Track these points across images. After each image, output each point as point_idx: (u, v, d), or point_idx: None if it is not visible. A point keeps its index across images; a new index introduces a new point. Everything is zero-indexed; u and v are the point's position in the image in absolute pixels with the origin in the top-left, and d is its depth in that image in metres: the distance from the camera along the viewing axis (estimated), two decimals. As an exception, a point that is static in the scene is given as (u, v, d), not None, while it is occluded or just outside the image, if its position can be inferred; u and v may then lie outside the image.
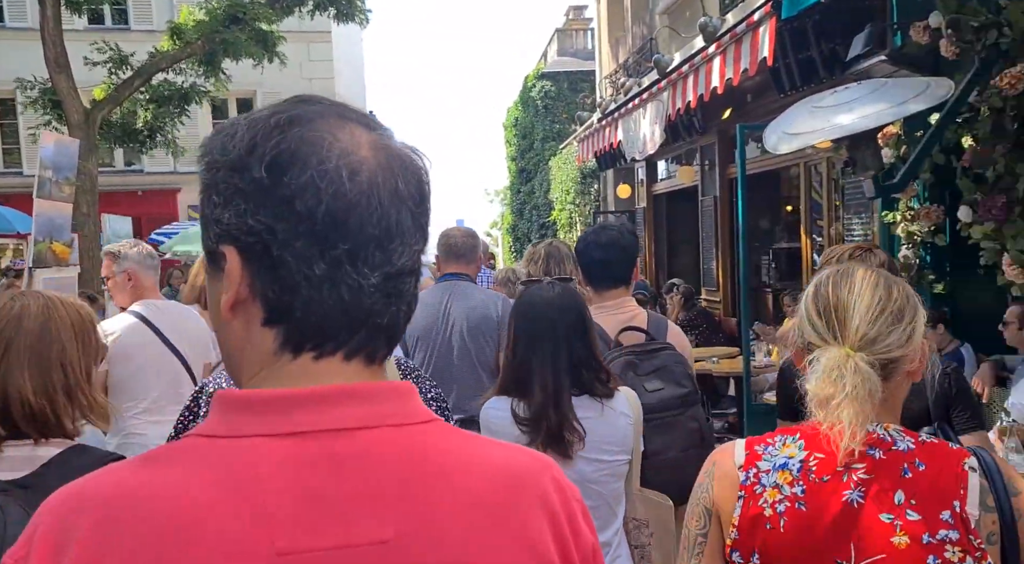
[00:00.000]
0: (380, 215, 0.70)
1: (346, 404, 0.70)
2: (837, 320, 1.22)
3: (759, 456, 1.25)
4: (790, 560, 1.18)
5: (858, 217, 6.01)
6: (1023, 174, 4.09)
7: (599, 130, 10.54)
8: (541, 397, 1.94)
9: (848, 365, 1.17)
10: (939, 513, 1.14)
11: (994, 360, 4.39)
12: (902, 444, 1.19)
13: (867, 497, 1.17)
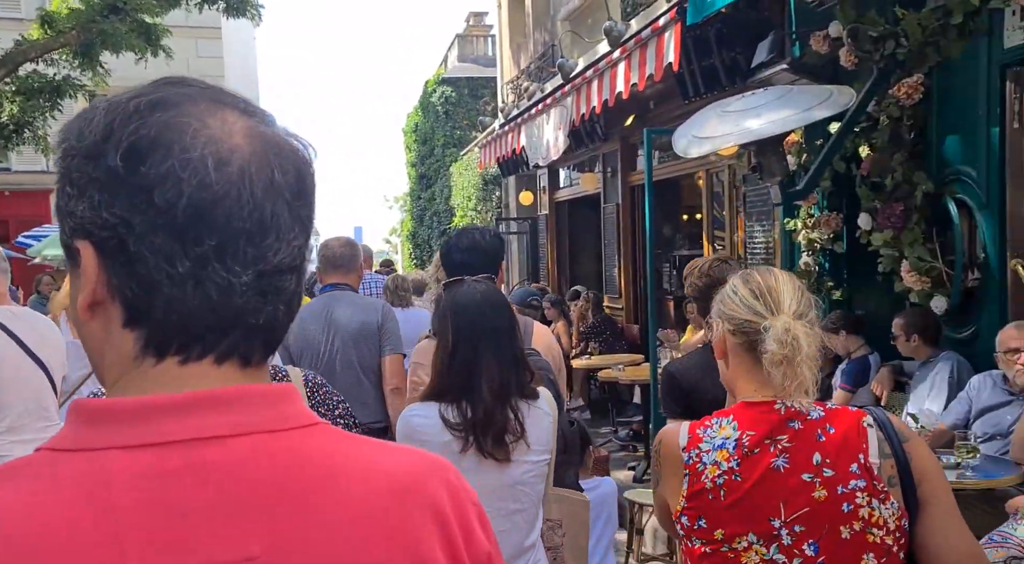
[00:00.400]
0: (252, 208, 0.65)
1: (214, 411, 0.66)
2: (773, 300, 1.43)
3: (700, 438, 1.44)
4: (729, 522, 1.37)
5: (760, 225, 6.08)
6: (920, 183, 4.18)
7: (501, 136, 10.42)
8: (490, 397, 1.88)
9: (798, 328, 1.38)
10: (848, 466, 1.35)
11: (892, 365, 4.47)
12: (815, 414, 1.41)
13: (790, 462, 1.37)
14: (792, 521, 1.36)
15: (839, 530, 1.35)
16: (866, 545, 1.34)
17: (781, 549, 1.36)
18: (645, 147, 5.46)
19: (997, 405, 3.44)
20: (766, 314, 1.42)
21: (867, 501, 1.34)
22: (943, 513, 1.37)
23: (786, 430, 1.39)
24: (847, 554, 1.34)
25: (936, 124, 4.24)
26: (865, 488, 1.34)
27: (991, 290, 3.95)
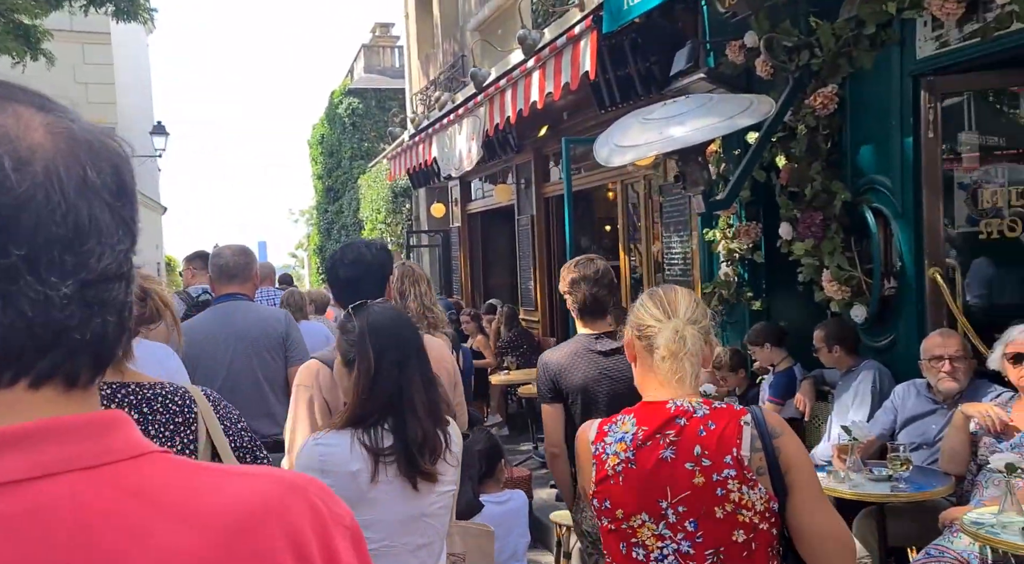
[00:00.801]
0: (65, 211, 0.60)
1: (15, 449, 0.59)
2: (671, 308, 1.69)
3: (605, 433, 1.68)
4: (627, 503, 1.62)
5: (677, 235, 6.06)
6: (838, 192, 4.19)
7: (412, 147, 10.17)
8: (426, 419, 1.84)
9: (686, 329, 1.65)
10: (723, 458, 1.57)
11: (814, 376, 4.46)
12: (700, 411, 1.62)
13: (676, 453, 1.59)
14: (676, 502, 1.60)
15: (714, 510, 1.58)
16: (736, 523, 1.57)
17: (668, 526, 1.61)
18: (563, 156, 5.35)
19: (922, 414, 3.44)
20: (662, 318, 1.70)
21: (737, 487, 1.57)
22: (808, 497, 1.59)
23: (674, 426, 1.62)
24: (721, 530, 1.58)
25: (850, 134, 4.27)
26: (736, 476, 1.57)
27: (908, 298, 3.98)
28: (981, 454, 3.07)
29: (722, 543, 1.57)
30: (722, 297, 5.39)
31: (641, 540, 1.61)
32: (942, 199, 3.72)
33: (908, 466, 3.00)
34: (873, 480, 3.08)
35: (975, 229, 3.90)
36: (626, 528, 1.63)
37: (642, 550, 1.62)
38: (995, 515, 2.52)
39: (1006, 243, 3.77)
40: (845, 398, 3.99)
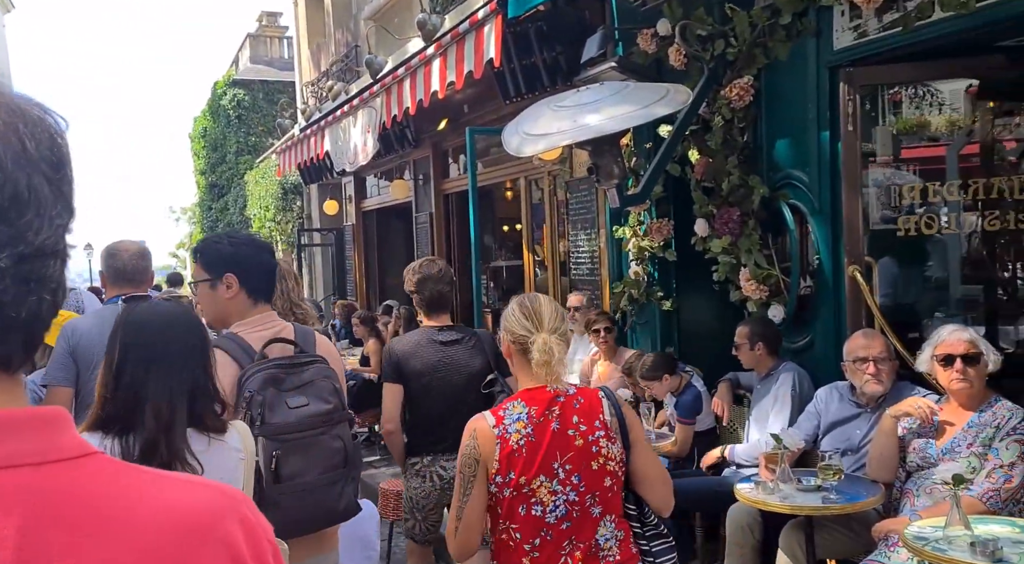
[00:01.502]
0: (3, 181, 0.59)
1: None
2: (537, 319, 2.05)
3: (503, 418, 2.00)
4: (529, 469, 1.96)
5: (584, 233, 5.84)
6: (756, 187, 4.04)
7: (303, 140, 9.58)
8: (153, 428, 1.70)
9: (552, 340, 2.01)
10: (594, 423, 2.01)
11: (729, 379, 4.29)
12: (571, 391, 2.05)
13: (560, 424, 1.99)
14: (564, 462, 1.98)
15: (591, 464, 1.99)
16: (606, 472, 2.01)
17: (559, 482, 1.98)
18: (468, 148, 5.02)
19: (846, 419, 3.30)
20: (533, 330, 2.04)
21: (605, 445, 2.01)
22: (642, 450, 2.10)
23: (556, 404, 2.01)
24: (596, 479, 2.00)
25: (766, 127, 4.14)
26: (604, 436, 2.01)
27: (825, 298, 3.87)
28: (910, 460, 2.94)
29: (597, 489, 2.01)
30: (632, 297, 5.19)
31: (539, 498, 1.98)
32: (861, 195, 3.60)
33: (840, 475, 2.83)
34: (803, 490, 2.90)
35: (890, 226, 3.82)
36: (527, 491, 1.98)
37: (540, 507, 1.98)
38: (938, 528, 2.36)
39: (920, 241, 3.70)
40: (764, 403, 3.84)
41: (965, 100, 9.15)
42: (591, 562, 1.98)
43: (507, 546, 2.01)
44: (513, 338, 2.06)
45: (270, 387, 2.11)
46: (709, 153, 4.27)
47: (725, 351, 4.98)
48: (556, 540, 1.98)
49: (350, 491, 2.18)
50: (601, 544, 2.00)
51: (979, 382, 2.83)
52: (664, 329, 5.09)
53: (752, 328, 3.89)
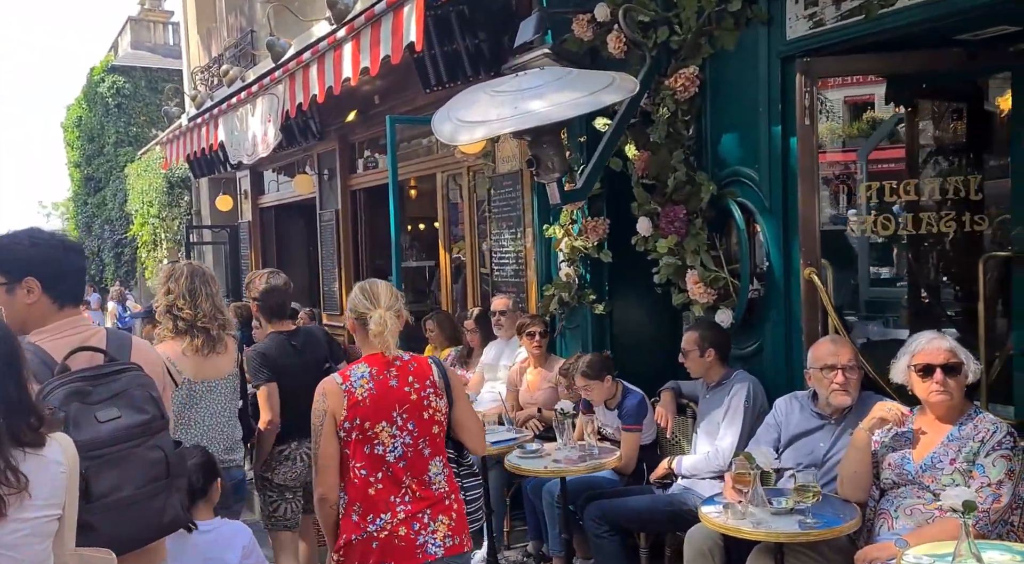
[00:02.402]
0: None
1: None
2: (375, 298, 2.50)
3: (349, 376, 2.45)
4: (372, 417, 2.42)
5: (509, 233, 5.50)
6: (704, 183, 3.81)
7: (193, 129, 8.82)
8: None
9: (388, 316, 2.46)
10: (425, 382, 2.51)
11: (671, 388, 4.04)
12: (406, 356, 2.54)
13: (398, 382, 2.47)
14: (402, 411, 2.45)
15: (423, 415, 2.47)
16: (433, 422, 2.49)
17: (397, 427, 2.44)
18: (388, 137, 4.60)
19: (808, 431, 3.09)
20: (371, 307, 2.47)
21: (434, 400, 2.50)
22: (463, 404, 2.62)
23: (393, 366, 2.48)
24: (426, 426, 2.47)
25: (712, 121, 3.91)
26: (433, 393, 2.50)
27: (775, 301, 3.67)
28: (885, 477, 2.74)
29: (427, 434, 2.47)
30: (562, 300, 4.90)
31: (381, 440, 2.41)
32: (818, 193, 3.42)
33: (818, 497, 2.60)
34: (776, 514, 2.66)
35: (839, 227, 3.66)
36: (371, 434, 2.40)
37: (381, 447, 2.41)
38: (938, 559, 2.14)
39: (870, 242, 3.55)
40: (715, 414, 3.60)
41: (844, 109, 9.32)
42: (424, 492, 2.46)
43: (354, 482, 2.44)
44: (356, 315, 2.50)
45: (74, 401, 1.97)
46: (652, 148, 4.01)
47: (661, 358, 4.75)
48: (395, 475, 2.44)
49: (175, 502, 2.09)
50: (432, 478, 2.49)
51: (959, 393, 2.66)
52: (596, 334, 4.82)
53: (702, 333, 3.65)
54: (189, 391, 3.07)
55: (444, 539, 2.43)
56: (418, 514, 2.41)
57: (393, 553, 2.37)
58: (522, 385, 4.81)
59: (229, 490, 3.04)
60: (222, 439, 3.17)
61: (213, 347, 3.12)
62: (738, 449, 3.47)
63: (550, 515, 3.94)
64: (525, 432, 4.27)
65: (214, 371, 3.15)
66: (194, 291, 3.11)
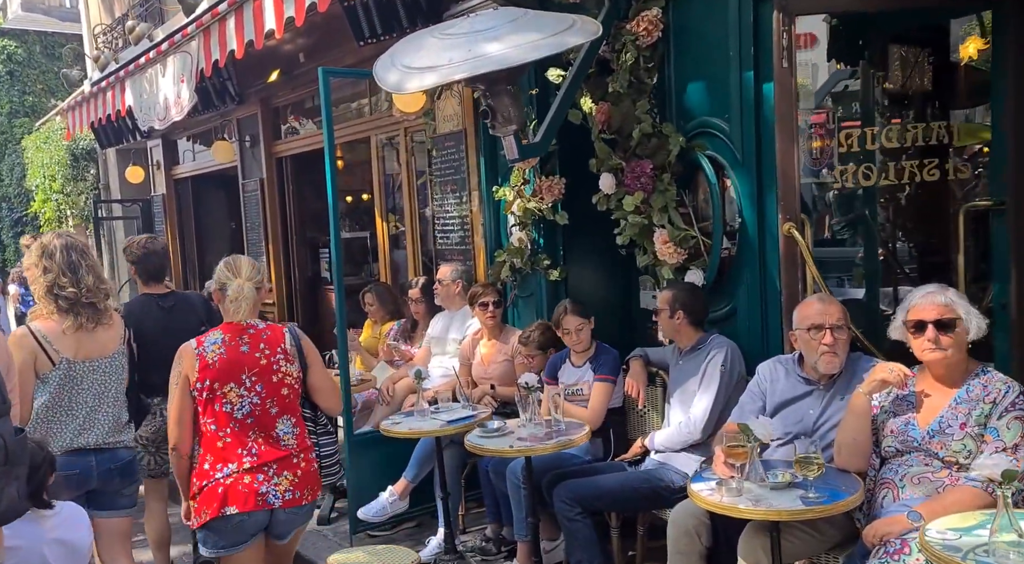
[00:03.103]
0: None
1: None
2: (236, 270, 2.83)
3: (203, 342, 2.78)
4: (222, 378, 2.72)
5: (453, 197, 5.14)
6: (671, 135, 3.54)
7: (97, 94, 8.09)
8: None
9: (246, 285, 2.79)
10: (276, 349, 2.81)
11: (640, 355, 3.79)
12: (261, 325, 2.85)
13: (249, 348, 2.77)
14: (251, 374, 2.75)
15: (272, 378, 2.78)
16: (283, 384, 2.81)
17: (246, 389, 2.75)
18: (322, 93, 4.16)
19: (796, 397, 2.88)
20: (232, 277, 2.81)
21: (284, 365, 2.81)
22: (318, 369, 2.94)
23: (246, 333, 2.79)
24: (275, 389, 2.79)
25: (675, 68, 3.64)
26: (283, 359, 2.81)
27: (749, 260, 3.45)
28: (887, 445, 2.55)
29: (275, 396, 2.79)
30: (513, 267, 4.59)
31: (229, 399, 2.73)
32: (797, 143, 3.18)
33: (822, 469, 2.39)
34: (775, 489, 2.44)
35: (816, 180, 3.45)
36: (219, 394, 2.72)
37: (229, 405, 2.73)
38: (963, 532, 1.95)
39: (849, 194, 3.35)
40: (690, 382, 3.37)
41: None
42: (271, 447, 2.75)
43: (206, 436, 2.75)
44: (219, 285, 2.82)
45: None
46: (612, 98, 3.72)
47: (617, 325, 4.53)
48: (242, 430, 2.73)
49: (12, 491, 1.98)
50: (280, 435, 2.78)
51: (957, 351, 2.48)
52: (551, 302, 4.52)
53: (674, 294, 3.41)
54: (68, 371, 2.94)
55: (284, 493, 2.72)
56: (263, 466, 2.71)
57: (235, 497, 2.66)
58: (475, 359, 4.50)
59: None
60: (107, 421, 3.05)
61: (99, 320, 3.00)
62: (710, 417, 3.26)
63: (515, 497, 3.66)
64: (482, 409, 3.97)
65: (98, 349, 3.02)
66: (73, 265, 2.95)
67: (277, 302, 7.63)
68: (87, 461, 2.97)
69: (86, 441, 2.97)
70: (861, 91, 4.34)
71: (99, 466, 2.99)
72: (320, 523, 4.77)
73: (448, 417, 3.80)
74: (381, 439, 4.43)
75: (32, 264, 3.00)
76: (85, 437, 2.97)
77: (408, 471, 4.23)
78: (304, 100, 7.22)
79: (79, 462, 2.95)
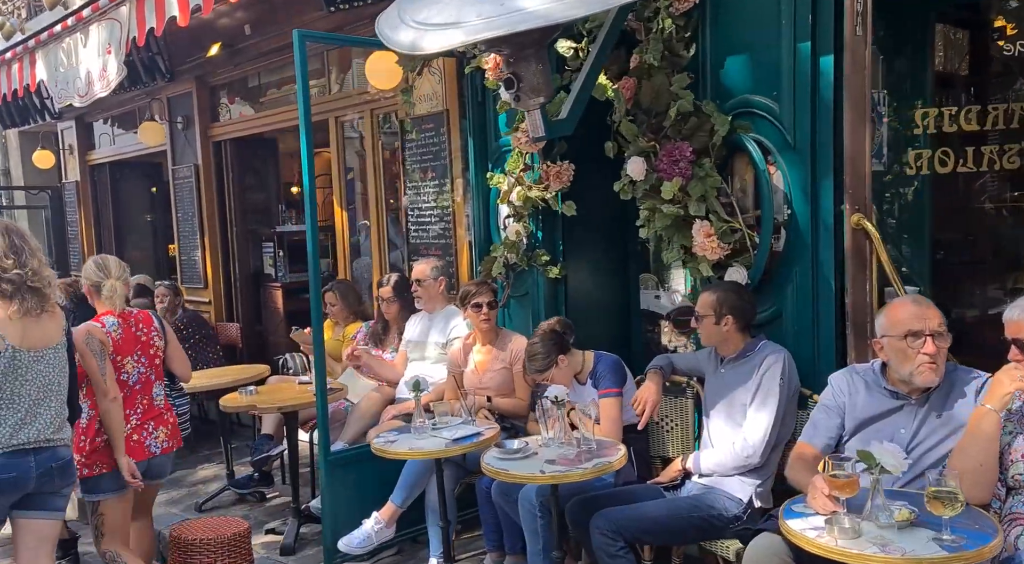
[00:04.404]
0: None
1: None
2: (107, 270, 3.37)
3: (105, 324, 3.28)
4: (122, 352, 3.32)
5: (432, 185, 4.61)
6: (712, 114, 3.12)
7: (1, 67, 7.18)
8: None
9: (117, 284, 3.35)
10: (150, 329, 3.46)
11: (660, 366, 3.34)
12: (135, 311, 3.50)
13: (135, 328, 3.40)
14: (137, 349, 3.37)
15: (149, 351, 3.42)
16: (157, 356, 3.46)
17: (135, 361, 3.36)
18: (297, 59, 3.56)
19: (883, 414, 2.50)
20: (104, 277, 3.36)
21: (156, 341, 3.45)
22: (172, 344, 3.58)
23: (131, 317, 3.40)
24: (151, 360, 3.43)
25: (712, 40, 3.23)
26: (156, 336, 3.47)
27: (800, 257, 3.07)
28: (1015, 472, 2.20)
29: (152, 365, 3.45)
30: (507, 263, 4.11)
31: (127, 370, 3.34)
32: (868, 124, 2.81)
33: (961, 505, 2.01)
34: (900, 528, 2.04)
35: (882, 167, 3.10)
36: (119, 365, 3.31)
37: (127, 375, 3.34)
38: None
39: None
40: (737, 395, 2.96)
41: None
42: (150, 408, 3.41)
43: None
44: (91, 283, 3.37)
45: None
46: (641, 73, 3.28)
47: (616, 329, 4.13)
48: (132, 395, 3.36)
49: None
50: (154, 398, 3.45)
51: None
52: (549, 302, 4.09)
53: (720, 295, 2.99)
54: (13, 360, 2.76)
55: (162, 442, 3.44)
56: (145, 424, 3.39)
57: (129, 450, 3.27)
58: (467, 366, 4.00)
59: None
60: (50, 415, 2.86)
61: (43, 307, 2.85)
62: (770, 438, 2.87)
63: (530, 526, 3.19)
64: (488, 424, 3.48)
65: (43, 338, 2.85)
66: (16, 248, 2.80)
67: (214, 300, 6.91)
68: (25, 462, 2.76)
69: (26, 437, 2.77)
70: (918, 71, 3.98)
71: (38, 466, 2.79)
72: (284, 553, 4.19)
73: (451, 434, 3.29)
74: (358, 458, 3.91)
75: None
76: (25, 432, 2.77)
77: (396, 494, 3.69)
78: (247, 77, 6.53)
79: (17, 464, 2.75)
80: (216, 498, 5.02)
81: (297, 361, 5.49)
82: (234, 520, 3.91)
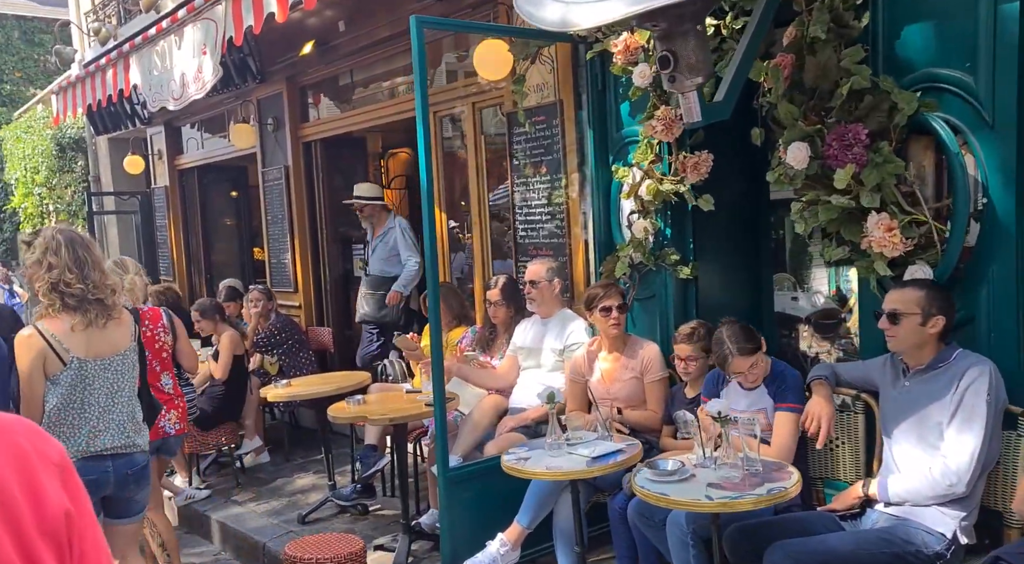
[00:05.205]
0: None
1: None
2: (124, 266, 3.85)
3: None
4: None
5: (543, 179, 4.32)
6: (892, 90, 2.75)
7: (96, 73, 7.17)
8: None
9: (136, 280, 3.84)
10: (157, 325, 3.68)
11: (824, 377, 2.95)
12: (145, 308, 3.80)
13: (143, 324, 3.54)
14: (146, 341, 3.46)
15: (155, 344, 3.61)
16: (164, 349, 3.68)
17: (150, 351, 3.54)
18: (415, 48, 3.31)
19: None
20: (123, 273, 3.67)
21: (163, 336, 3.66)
22: (183, 340, 3.81)
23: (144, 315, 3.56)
24: (158, 352, 3.65)
25: (885, 5, 2.85)
26: (163, 331, 3.65)
27: (1000, 253, 2.67)
28: None
29: (158, 357, 3.64)
30: (632, 263, 3.80)
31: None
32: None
33: None
34: None
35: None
36: None
37: None
38: None
39: None
40: (930, 412, 2.58)
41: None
42: (159, 394, 3.54)
43: None
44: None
45: None
46: (796, 49, 2.92)
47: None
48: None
49: None
50: (163, 385, 3.64)
51: None
52: (679, 306, 3.77)
53: (930, 292, 2.59)
54: (80, 371, 2.83)
55: (174, 424, 3.62)
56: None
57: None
58: (593, 376, 3.69)
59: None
60: (121, 421, 2.93)
61: (109, 316, 2.90)
62: (977, 462, 2.48)
63: (680, 555, 2.86)
64: (629, 441, 3.16)
65: (109, 347, 2.91)
66: (80, 261, 2.84)
67: (304, 304, 6.77)
68: (103, 466, 2.88)
69: (102, 444, 2.88)
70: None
71: (116, 472, 2.91)
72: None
73: (588, 451, 2.99)
74: (477, 474, 3.65)
75: (36, 261, 2.87)
76: (100, 439, 2.87)
77: (522, 515, 3.41)
78: (338, 76, 6.37)
79: (95, 467, 2.85)
80: (318, 510, 4.83)
81: (396, 368, 5.28)
82: (347, 537, 3.71)
